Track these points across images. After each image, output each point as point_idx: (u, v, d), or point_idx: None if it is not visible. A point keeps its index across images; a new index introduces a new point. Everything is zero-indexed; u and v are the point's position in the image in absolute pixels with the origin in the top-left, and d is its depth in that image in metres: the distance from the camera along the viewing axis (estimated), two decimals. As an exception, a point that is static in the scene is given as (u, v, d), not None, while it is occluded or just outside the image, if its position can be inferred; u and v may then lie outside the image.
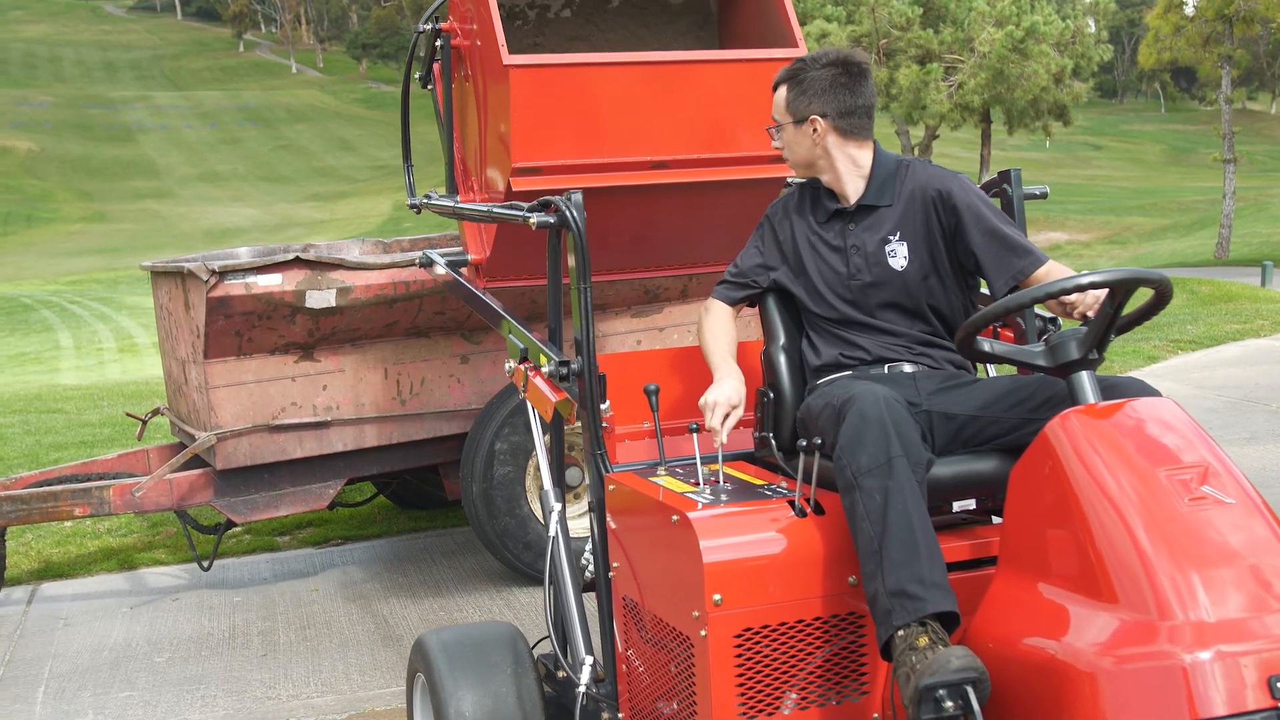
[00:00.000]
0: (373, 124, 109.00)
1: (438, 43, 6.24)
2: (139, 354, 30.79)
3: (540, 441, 4.63)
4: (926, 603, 3.37)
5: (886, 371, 4.11)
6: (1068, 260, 46.97)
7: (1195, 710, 2.81)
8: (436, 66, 6.37)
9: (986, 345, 3.73)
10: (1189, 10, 39.87)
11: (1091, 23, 48.82)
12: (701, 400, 4.09)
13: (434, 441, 7.72)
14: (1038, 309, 4.61)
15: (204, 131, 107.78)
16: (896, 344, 4.15)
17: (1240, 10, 41.26)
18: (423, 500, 9.53)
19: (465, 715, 4.16)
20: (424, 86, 6.52)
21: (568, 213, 4.19)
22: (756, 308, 4.50)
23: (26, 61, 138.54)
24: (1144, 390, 3.63)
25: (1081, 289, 3.55)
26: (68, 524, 9.54)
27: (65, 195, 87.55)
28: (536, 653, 4.57)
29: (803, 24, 46.63)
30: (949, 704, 3.15)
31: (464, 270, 6.12)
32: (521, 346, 4.71)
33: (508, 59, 5.56)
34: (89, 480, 7.89)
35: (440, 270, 5.91)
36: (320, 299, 7.08)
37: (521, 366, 4.65)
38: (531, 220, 4.34)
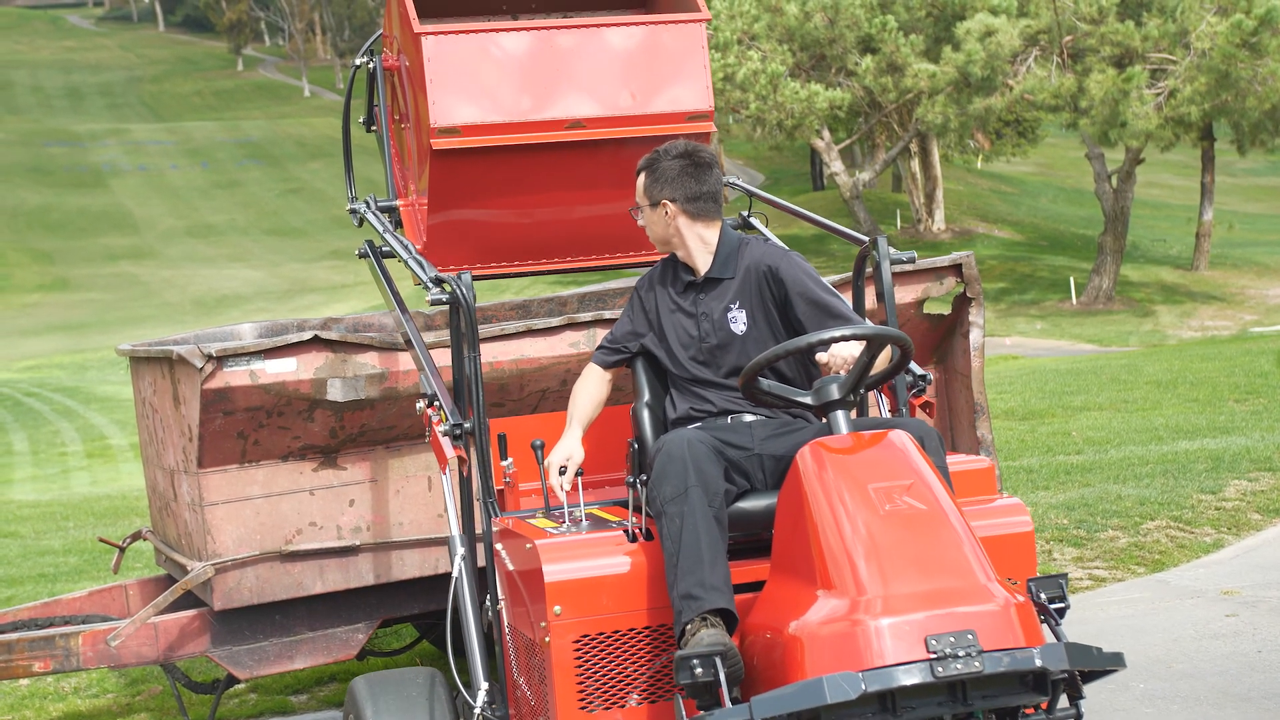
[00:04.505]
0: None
1: (371, 65, 8.09)
2: (114, 460, 31.15)
3: (447, 489, 6.22)
4: (705, 601, 5.16)
5: (729, 421, 5.93)
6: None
7: (872, 661, 4.61)
8: (375, 106, 8.20)
9: (764, 386, 5.57)
10: None
11: (1345, 8, 47.88)
12: (545, 460, 6.03)
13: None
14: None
15: (193, 173, 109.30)
16: (740, 398, 5.91)
17: None
18: (479, 647, 9.54)
19: None
20: (367, 130, 8.43)
21: (458, 290, 6.15)
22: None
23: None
24: (905, 425, 5.54)
25: (825, 343, 5.48)
26: (24, 682, 9.63)
27: (18, 257, 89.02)
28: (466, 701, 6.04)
29: (961, 18, 46.67)
30: (699, 670, 4.88)
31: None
32: (429, 391, 6.34)
33: (418, 27, 7.29)
34: (51, 626, 7.96)
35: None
36: (345, 389, 7.15)
37: (429, 411, 6.28)
38: (428, 298, 6.26)
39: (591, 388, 6.34)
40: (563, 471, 5.97)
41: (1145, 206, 69.21)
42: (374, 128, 8.28)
